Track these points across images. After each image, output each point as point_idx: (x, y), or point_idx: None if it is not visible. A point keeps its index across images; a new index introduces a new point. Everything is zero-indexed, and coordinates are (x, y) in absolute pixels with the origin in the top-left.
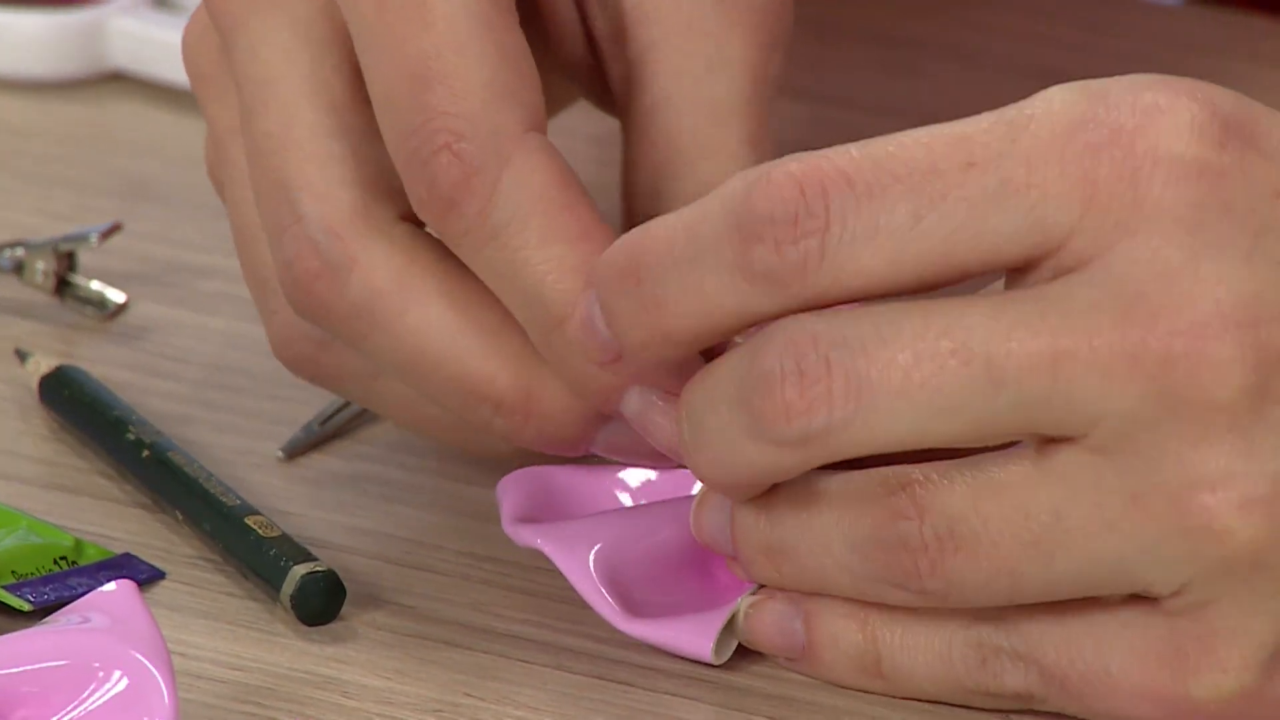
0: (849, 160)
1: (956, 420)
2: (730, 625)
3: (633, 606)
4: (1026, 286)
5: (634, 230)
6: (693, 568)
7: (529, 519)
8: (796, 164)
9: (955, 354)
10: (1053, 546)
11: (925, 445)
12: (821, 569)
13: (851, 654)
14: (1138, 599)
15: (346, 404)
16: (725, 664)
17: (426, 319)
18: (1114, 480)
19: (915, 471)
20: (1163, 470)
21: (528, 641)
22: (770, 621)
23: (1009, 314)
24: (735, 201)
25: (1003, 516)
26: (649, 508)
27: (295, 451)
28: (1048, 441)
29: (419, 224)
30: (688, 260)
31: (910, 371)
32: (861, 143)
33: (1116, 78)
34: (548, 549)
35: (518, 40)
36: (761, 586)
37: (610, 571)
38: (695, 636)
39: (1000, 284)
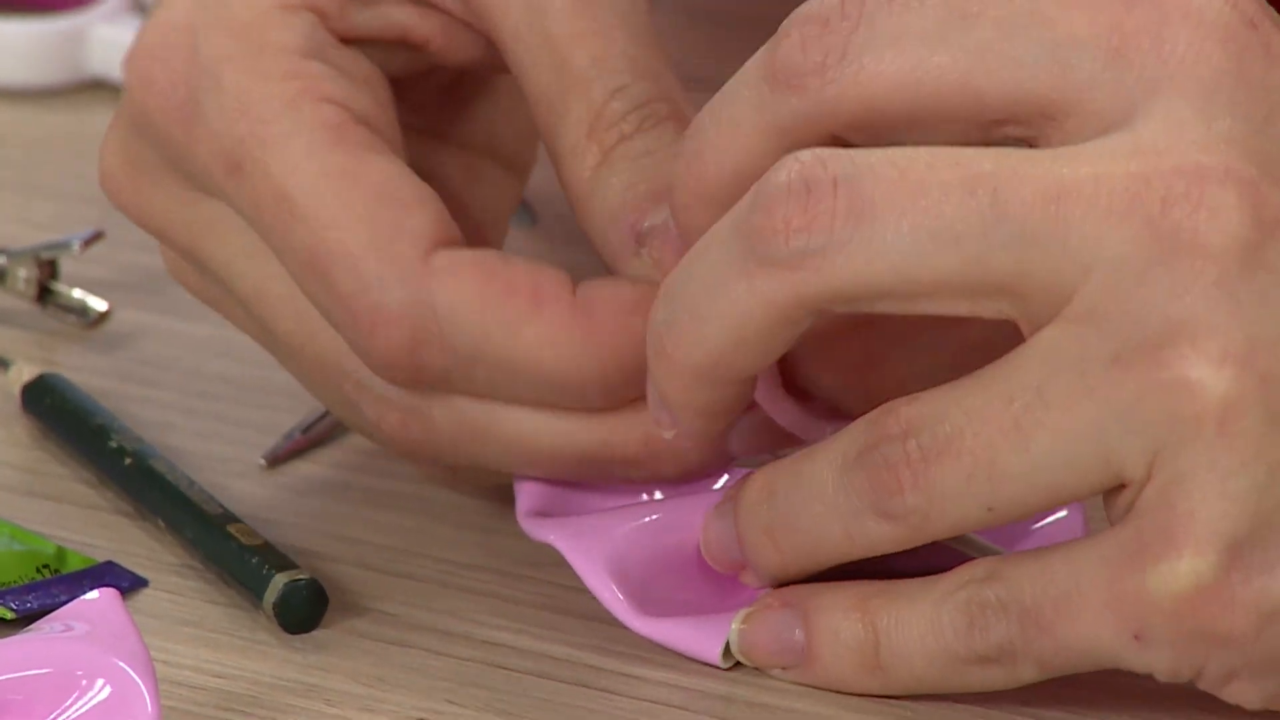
0: None
1: (954, 252)
2: None
3: (643, 605)
4: None
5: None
6: (706, 567)
7: (544, 513)
8: None
9: (964, 182)
10: (1032, 426)
11: (918, 285)
12: (813, 519)
13: (852, 645)
14: (1113, 526)
15: (328, 411)
16: (707, 672)
17: (518, 424)
18: (1097, 344)
19: (902, 399)
20: (1145, 325)
21: (509, 648)
22: (768, 632)
23: (1021, 153)
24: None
25: (987, 404)
26: (665, 504)
27: (277, 459)
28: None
29: None
30: (727, 90)
31: (916, 194)
32: None
33: None
34: (561, 545)
35: (383, 171)
36: (757, 599)
37: (622, 569)
38: (704, 639)
39: None
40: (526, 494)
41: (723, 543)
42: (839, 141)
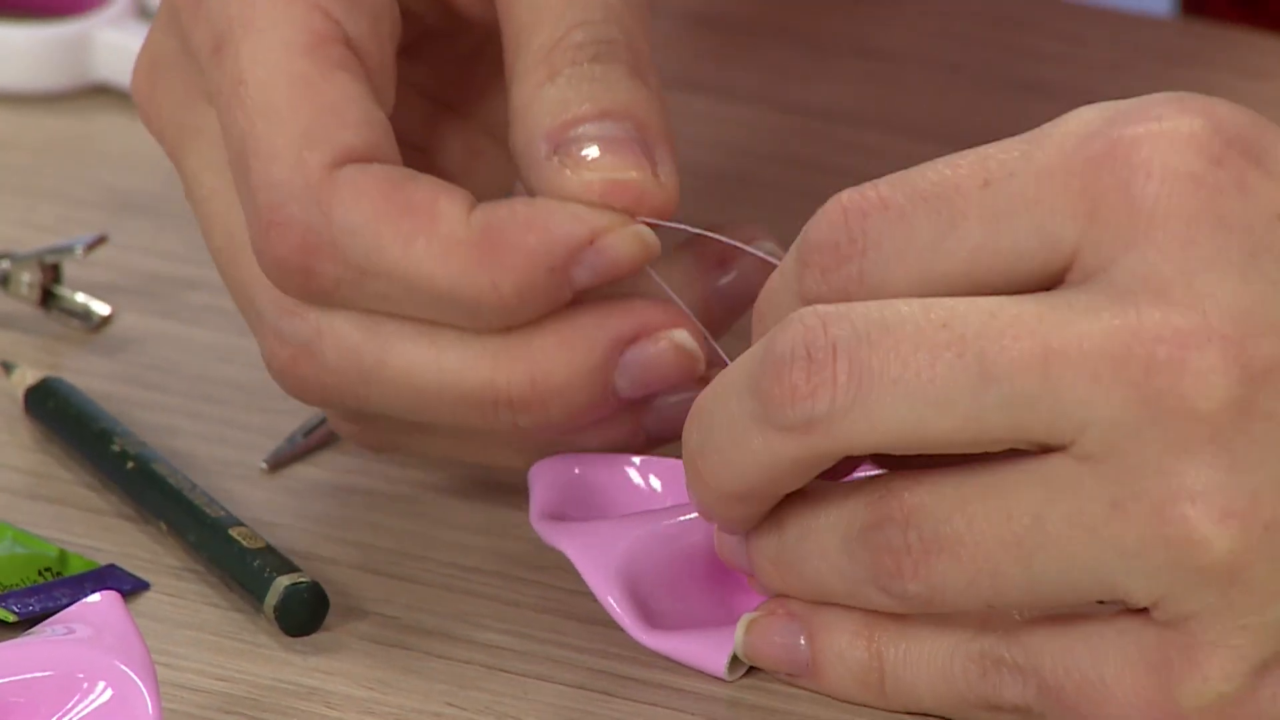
0: (888, 185)
1: (949, 415)
2: None
3: (650, 616)
4: None
5: None
6: (714, 578)
7: (558, 514)
8: (847, 193)
9: (950, 345)
10: (1033, 547)
11: (923, 443)
12: (819, 574)
13: (855, 670)
14: (1133, 611)
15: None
16: (705, 676)
17: (406, 356)
18: (1095, 487)
19: (905, 478)
20: (1144, 479)
21: (510, 652)
22: (773, 639)
23: (1008, 312)
24: (803, 233)
25: (986, 516)
26: (677, 511)
27: (279, 463)
28: (1038, 451)
29: None
30: (775, 289)
31: (907, 360)
32: (908, 170)
33: (1142, 96)
34: (571, 553)
35: (341, 89)
36: (763, 603)
37: (632, 580)
38: (710, 651)
39: None
40: (540, 490)
41: (734, 553)
42: None
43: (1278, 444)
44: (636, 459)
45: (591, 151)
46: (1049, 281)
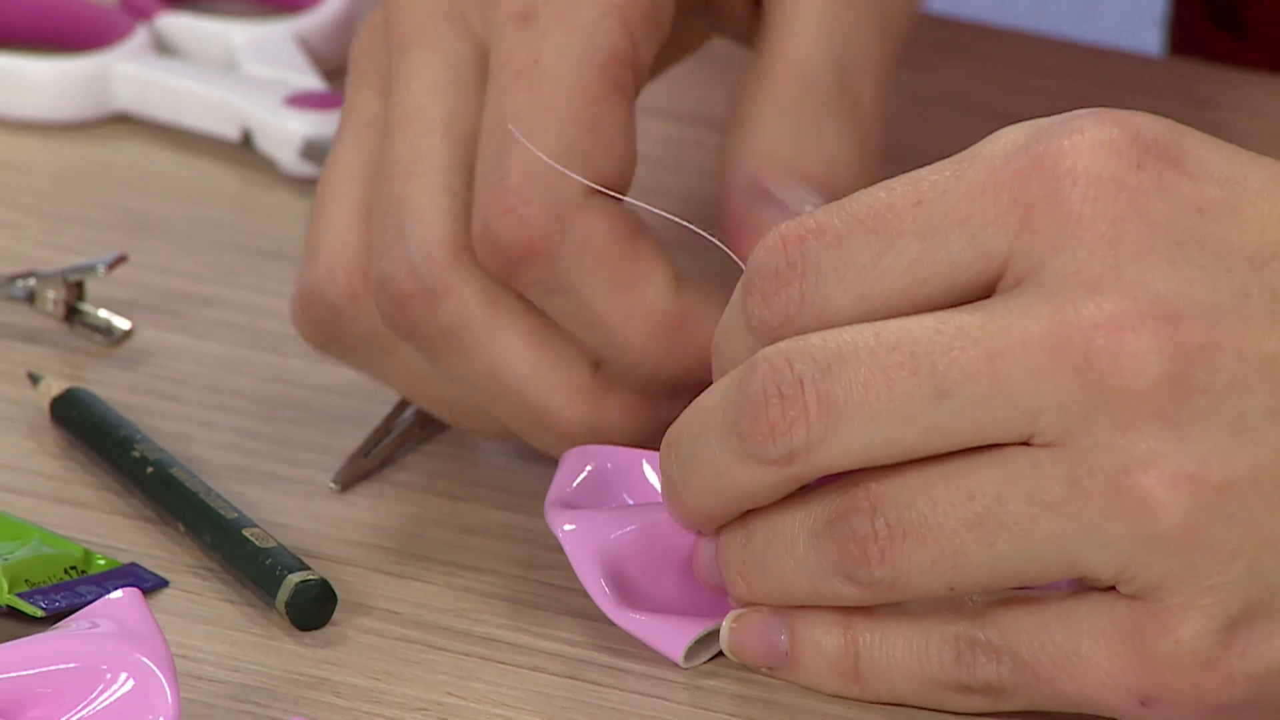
0: (826, 213)
1: (913, 429)
2: (709, 638)
3: (628, 598)
4: None
5: None
6: (692, 572)
7: (570, 502)
8: (785, 224)
9: (904, 365)
10: (995, 526)
11: (893, 456)
12: (785, 573)
13: (832, 658)
14: (1101, 589)
15: (387, 432)
16: (697, 668)
17: (508, 350)
18: (1053, 468)
19: (872, 472)
20: (1097, 456)
21: (506, 645)
22: (755, 633)
23: (952, 325)
24: (749, 263)
25: (949, 498)
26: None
27: (346, 482)
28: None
29: None
30: (725, 325)
31: (867, 385)
32: (845, 198)
33: (1064, 113)
34: (561, 535)
35: (614, 112)
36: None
37: (616, 562)
38: (672, 637)
39: None
40: (562, 475)
41: (708, 569)
42: None
43: (1218, 415)
44: (651, 456)
45: (771, 218)
46: (983, 290)
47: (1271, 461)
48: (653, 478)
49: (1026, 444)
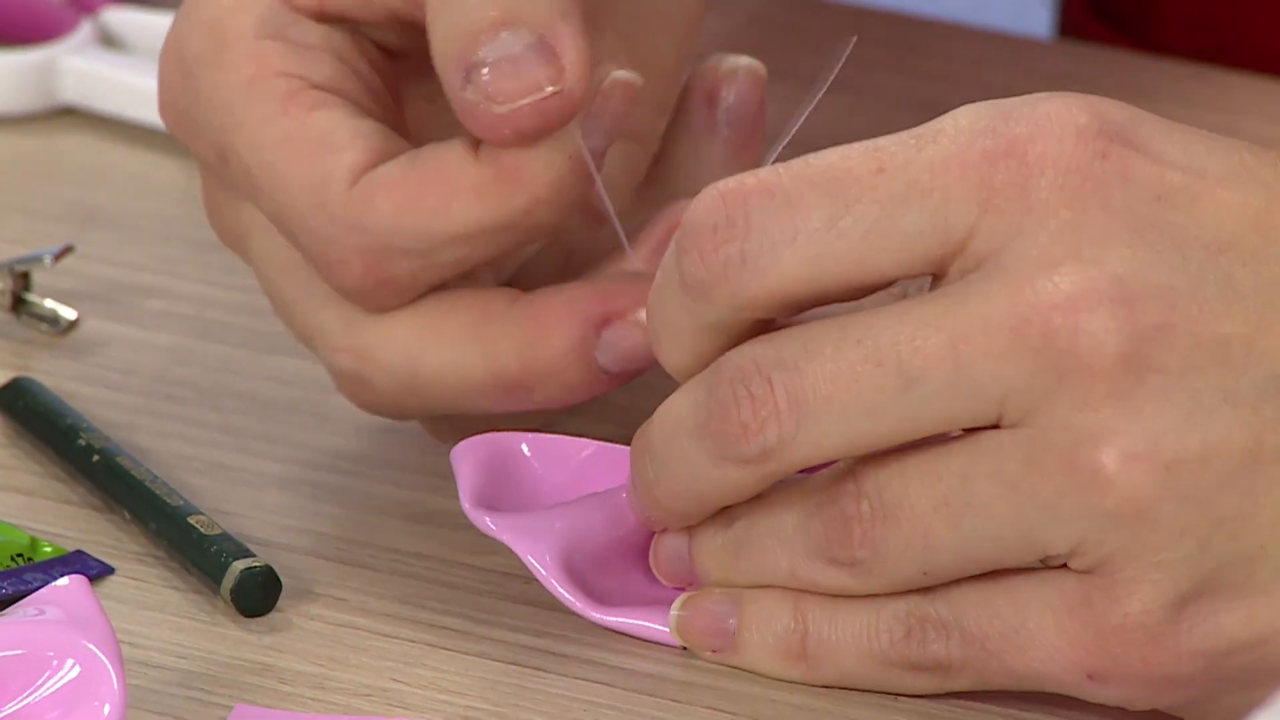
0: (771, 174)
1: (883, 420)
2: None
3: (593, 595)
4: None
5: None
6: (647, 559)
7: (487, 499)
8: (723, 182)
9: (868, 359)
10: (960, 507)
11: (866, 448)
12: (766, 553)
13: (779, 633)
14: (1054, 567)
15: None
16: (632, 652)
17: (429, 364)
18: (1014, 447)
19: (864, 459)
20: (1054, 434)
21: (451, 631)
22: (703, 615)
23: (914, 314)
24: (683, 221)
25: (920, 480)
26: (609, 497)
27: None
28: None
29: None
30: (657, 288)
31: (834, 380)
32: (787, 162)
33: (1024, 96)
34: (505, 538)
35: (320, 124)
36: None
37: (570, 563)
38: (660, 621)
39: (926, 283)
40: (467, 475)
41: (673, 561)
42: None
43: (1171, 395)
44: (529, 440)
45: (496, 78)
46: (935, 265)
47: (1222, 442)
48: (536, 461)
49: (997, 428)
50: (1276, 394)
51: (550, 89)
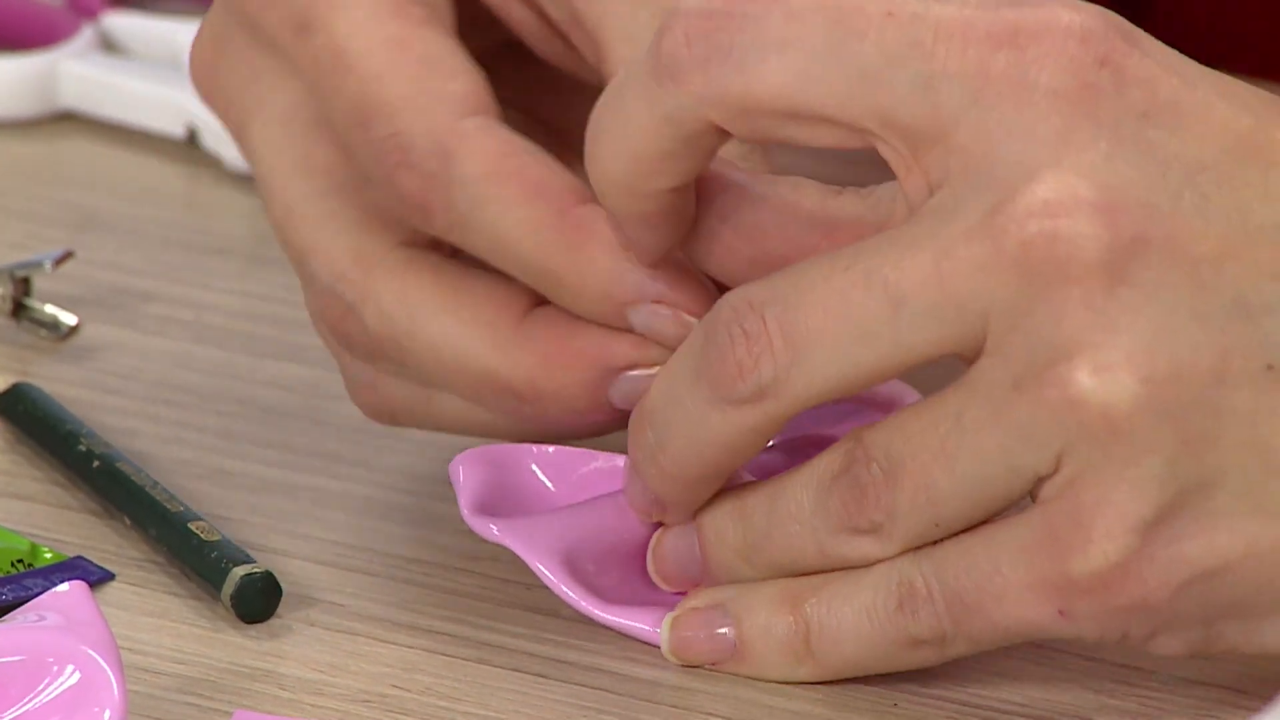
0: None
1: (876, 346)
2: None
3: (598, 595)
4: (916, 210)
5: None
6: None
7: (487, 508)
8: None
9: (857, 284)
10: (955, 449)
11: (863, 379)
12: (789, 538)
13: (783, 639)
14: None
15: None
16: (631, 658)
17: (432, 333)
18: (1000, 373)
19: (870, 425)
20: (1034, 351)
21: (450, 637)
22: (698, 633)
23: (900, 238)
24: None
25: (920, 431)
26: (612, 500)
27: None
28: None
29: (419, 244)
30: (623, 72)
31: (826, 309)
32: None
33: None
34: (508, 542)
35: (435, 44)
36: (683, 601)
37: (574, 566)
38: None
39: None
40: (467, 484)
41: (681, 563)
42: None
43: (1145, 309)
44: (535, 455)
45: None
46: (912, 138)
47: (1192, 362)
48: (543, 477)
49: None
50: (1242, 317)
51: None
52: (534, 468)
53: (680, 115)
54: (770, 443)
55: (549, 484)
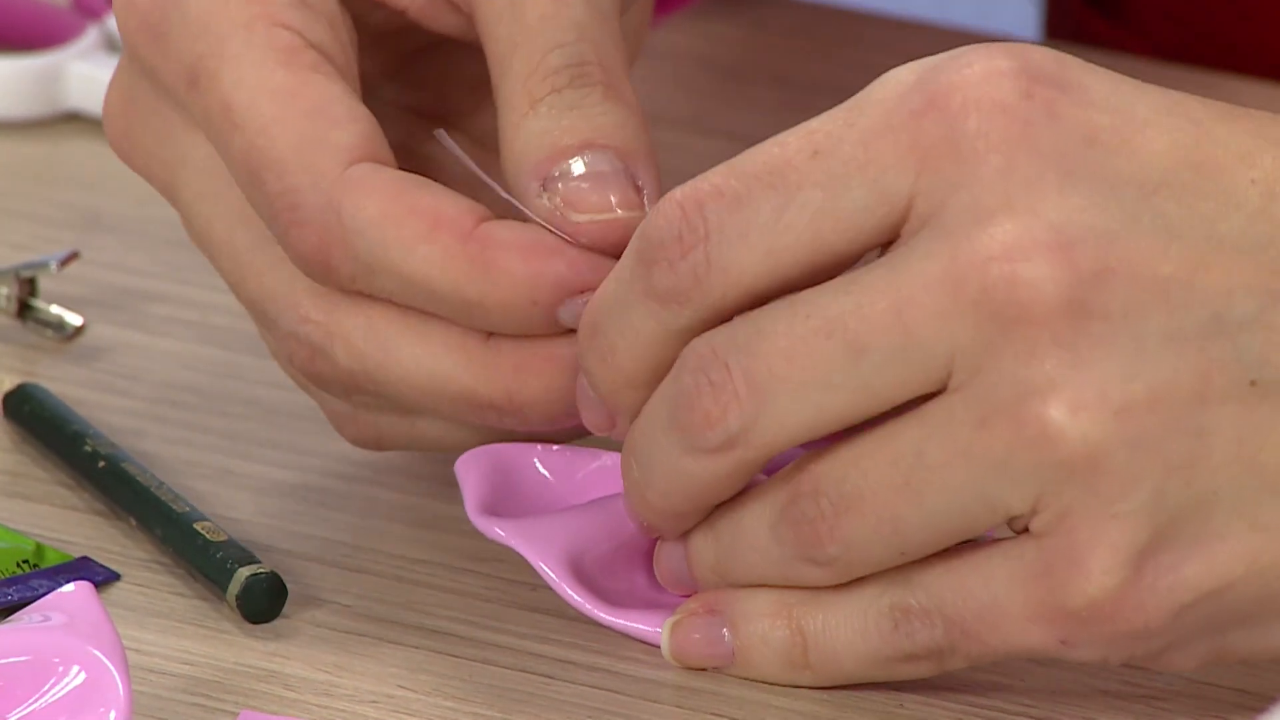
0: (719, 175)
1: (840, 394)
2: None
3: (601, 596)
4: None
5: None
6: (648, 563)
7: (493, 507)
8: (679, 189)
9: (818, 332)
10: (920, 485)
11: (830, 425)
12: (752, 565)
13: (780, 649)
14: (1016, 535)
15: None
16: (636, 659)
17: (404, 361)
18: (964, 411)
19: (813, 455)
20: (1000, 391)
21: (456, 638)
22: (697, 638)
23: (859, 284)
24: (639, 236)
25: (876, 466)
26: (616, 502)
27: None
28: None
29: None
30: (619, 303)
31: (788, 357)
32: (734, 159)
33: (950, 50)
34: (514, 543)
35: (322, 91)
36: (682, 606)
37: (577, 566)
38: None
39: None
40: (472, 484)
41: (677, 573)
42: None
43: (1115, 340)
44: (539, 454)
45: (578, 189)
46: (890, 234)
47: (1169, 385)
48: (546, 472)
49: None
50: (1219, 333)
51: (623, 214)
52: (539, 467)
53: (692, 326)
54: None
55: (554, 483)
